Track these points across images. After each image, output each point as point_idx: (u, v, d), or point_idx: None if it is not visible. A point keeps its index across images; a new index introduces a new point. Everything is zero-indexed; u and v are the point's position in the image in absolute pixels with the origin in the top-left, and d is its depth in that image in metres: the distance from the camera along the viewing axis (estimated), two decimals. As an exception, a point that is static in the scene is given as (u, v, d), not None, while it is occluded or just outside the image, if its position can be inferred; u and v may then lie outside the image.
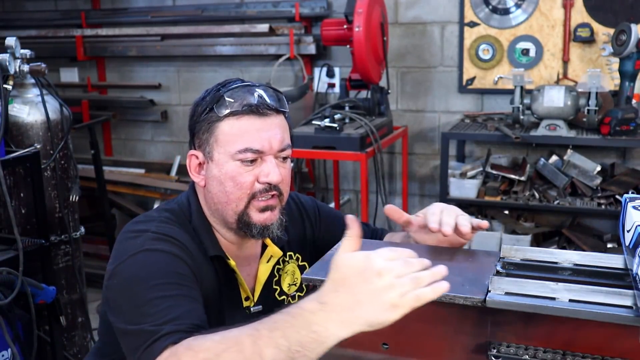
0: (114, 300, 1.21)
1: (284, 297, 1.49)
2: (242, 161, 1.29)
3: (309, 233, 1.56)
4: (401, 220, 1.40)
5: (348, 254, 0.99)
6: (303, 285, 1.51)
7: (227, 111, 1.28)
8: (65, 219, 2.77)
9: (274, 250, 1.45)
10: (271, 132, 1.30)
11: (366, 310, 0.94)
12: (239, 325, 1.02)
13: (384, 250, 0.99)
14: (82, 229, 2.92)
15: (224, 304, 1.36)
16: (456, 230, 1.27)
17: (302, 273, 1.49)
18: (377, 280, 0.95)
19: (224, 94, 1.29)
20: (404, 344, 1.13)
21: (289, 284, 1.50)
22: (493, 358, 1.04)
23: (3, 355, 2.24)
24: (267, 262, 1.45)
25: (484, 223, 1.30)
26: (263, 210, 1.32)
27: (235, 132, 1.28)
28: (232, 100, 1.28)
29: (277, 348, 0.96)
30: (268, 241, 1.43)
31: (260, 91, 1.31)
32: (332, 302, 0.96)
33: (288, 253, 1.51)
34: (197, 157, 1.35)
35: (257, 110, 1.28)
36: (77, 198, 2.82)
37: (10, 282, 2.21)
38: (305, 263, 1.54)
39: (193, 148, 1.36)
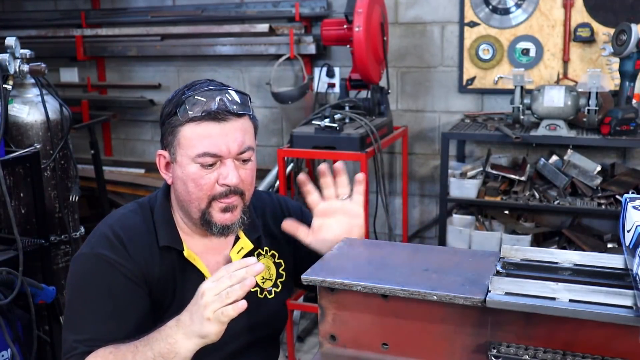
0: (66, 289, 1.46)
1: (256, 288, 1.52)
2: (201, 165, 1.36)
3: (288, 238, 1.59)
4: (297, 233, 1.48)
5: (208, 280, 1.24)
6: (278, 282, 1.57)
7: (188, 117, 1.34)
8: (65, 219, 2.77)
9: (244, 243, 1.52)
10: (230, 136, 1.35)
11: (194, 325, 1.21)
12: (139, 337, 1.29)
13: (219, 271, 1.23)
14: (82, 229, 2.91)
15: (180, 291, 1.43)
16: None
17: (277, 270, 1.57)
18: (200, 300, 1.21)
19: (186, 100, 1.35)
20: (404, 344, 1.13)
21: (264, 277, 1.55)
22: (493, 358, 1.04)
23: (3, 355, 2.24)
24: (238, 252, 1.51)
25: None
26: (224, 210, 1.40)
27: (195, 137, 1.35)
28: (193, 106, 1.34)
29: (145, 359, 1.25)
30: (240, 233, 1.52)
31: (220, 95, 1.35)
32: (182, 319, 1.25)
33: (264, 247, 1.56)
34: (164, 157, 1.44)
35: (216, 116, 1.34)
36: (77, 198, 2.82)
37: (10, 282, 2.21)
38: (281, 260, 1.59)
39: (162, 147, 1.45)
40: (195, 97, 1.35)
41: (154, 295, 1.41)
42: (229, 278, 1.20)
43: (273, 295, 1.55)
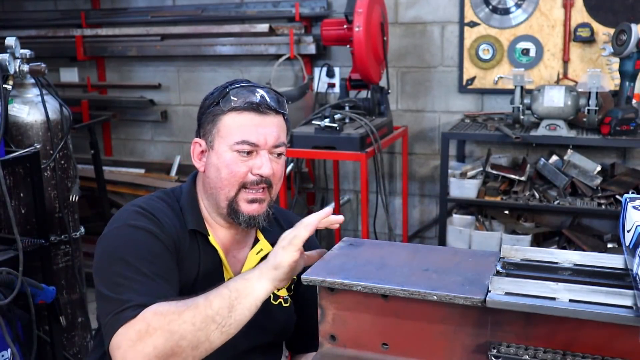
0: (97, 265, 1.36)
1: (271, 294, 1.51)
2: (238, 152, 1.41)
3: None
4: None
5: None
6: (291, 286, 1.60)
7: (231, 106, 1.41)
8: (65, 219, 2.77)
9: (264, 245, 1.55)
10: (268, 129, 1.43)
11: (269, 261, 1.28)
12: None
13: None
14: (82, 229, 2.91)
15: (202, 276, 1.45)
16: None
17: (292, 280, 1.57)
18: (280, 243, 1.29)
19: (230, 91, 1.43)
20: (404, 344, 1.13)
21: None
22: (493, 358, 1.04)
23: (3, 356, 2.24)
24: (257, 254, 1.54)
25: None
26: (251, 201, 1.44)
27: (235, 125, 1.42)
28: (236, 98, 1.42)
29: (221, 297, 1.23)
30: (260, 235, 1.56)
31: (262, 92, 1.44)
32: (260, 265, 1.30)
33: None
34: (200, 145, 1.48)
35: (257, 108, 1.42)
36: (77, 198, 2.82)
37: (10, 282, 2.21)
38: None
39: (198, 137, 1.50)
40: (239, 89, 1.43)
41: (179, 273, 1.40)
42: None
43: (288, 304, 1.57)
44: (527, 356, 1.03)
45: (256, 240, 1.55)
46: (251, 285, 1.25)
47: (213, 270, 1.46)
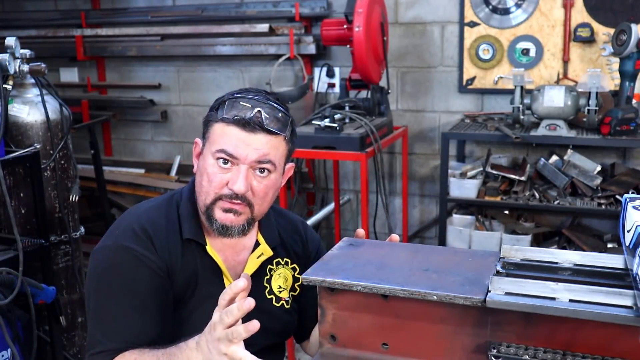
0: (87, 282, 1.43)
1: (272, 296, 1.55)
2: (217, 161, 1.39)
3: (304, 262, 1.60)
4: None
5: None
6: (296, 287, 1.60)
7: (222, 116, 1.39)
8: (65, 219, 2.77)
9: (265, 249, 1.54)
10: (252, 145, 1.38)
11: (213, 356, 1.20)
12: (165, 347, 1.30)
13: (222, 295, 1.20)
14: (82, 229, 2.91)
15: (200, 286, 1.46)
16: None
17: (293, 283, 1.59)
18: (213, 332, 1.20)
19: (227, 100, 1.40)
20: (404, 344, 1.13)
21: (280, 286, 1.57)
22: (493, 358, 1.04)
23: (3, 355, 2.24)
24: (257, 257, 1.53)
25: None
26: (227, 211, 1.41)
27: (220, 135, 1.39)
28: (229, 109, 1.38)
29: None
30: (260, 239, 1.54)
31: (261, 109, 1.38)
32: (201, 344, 1.23)
33: (284, 259, 1.59)
34: (198, 146, 1.49)
35: (246, 124, 1.37)
36: (77, 198, 2.82)
37: (10, 282, 2.21)
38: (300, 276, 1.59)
39: (202, 137, 1.49)
40: (237, 101, 1.39)
41: (175, 289, 1.43)
42: (229, 314, 1.17)
43: (289, 306, 1.57)
44: (527, 356, 1.02)
45: (257, 244, 1.54)
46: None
47: (213, 277, 1.46)
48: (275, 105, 1.41)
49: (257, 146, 1.37)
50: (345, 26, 3.25)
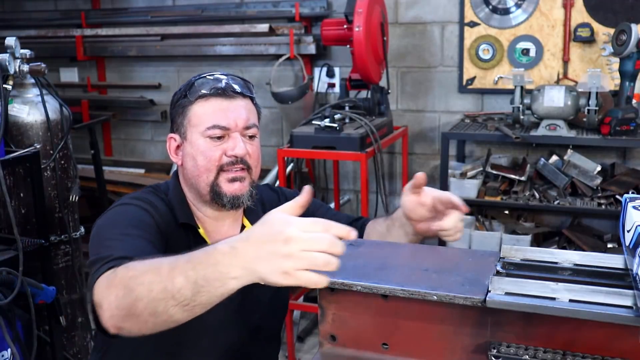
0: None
1: None
2: (211, 137, 1.45)
3: None
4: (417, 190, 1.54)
5: (279, 213, 1.02)
6: None
7: (198, 95, 1.46)
8: (65, 219, 2.77)
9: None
10: (236, 112, 1.46)
11: (262, 267, 0.98)
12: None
13: (306, 220, 0.99)
14: (82, 229, 2.91)
15: None
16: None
17: None
18: (281, 246, 0.97)
19: (195, 82, 1.48)
20: (404, 344, 1.13)
21: None
22: (493, 358, 1.04)
23: (3, 356, 2.24)
24: None
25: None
26: (232, 180, 1.46)
27: (205, 112, 1.46)
28: (202, 86, 1.46)
29: (186, 278, 1.05)
30: (245, 222, 1.57)
31: (227, 78, 1.48)
32: (241, 249, 1.01)
33: None
34: (175, 140, 1.54)
35: (224, 92, 1.45)
36: (77, 198, 2.82)
37: (10, 282, 2.21)
38: None
39: (172, 132, 1.56)
40: (204, 78, 1.48)
41: None
42: (325, 242, 0.97)
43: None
44: (527, 356, 1.02)
45: (243, 227, 1.57)
46: (226, 280, 1.02)
47: None
48: (233, 74, 1.52)
49: (240, 112, 1.46)
50: (345, 26, 3.25)
